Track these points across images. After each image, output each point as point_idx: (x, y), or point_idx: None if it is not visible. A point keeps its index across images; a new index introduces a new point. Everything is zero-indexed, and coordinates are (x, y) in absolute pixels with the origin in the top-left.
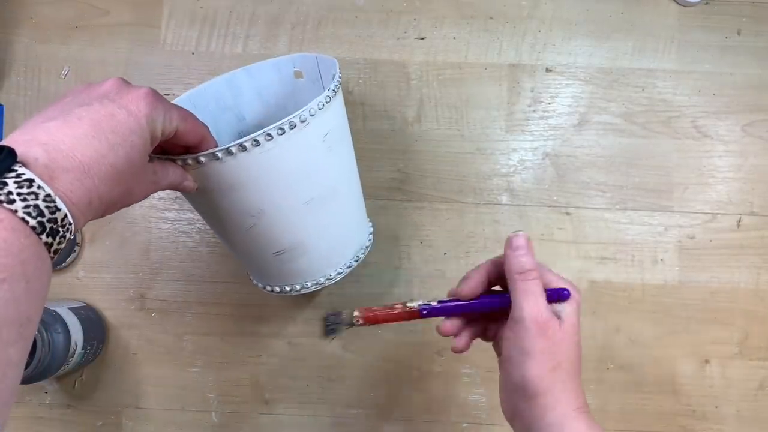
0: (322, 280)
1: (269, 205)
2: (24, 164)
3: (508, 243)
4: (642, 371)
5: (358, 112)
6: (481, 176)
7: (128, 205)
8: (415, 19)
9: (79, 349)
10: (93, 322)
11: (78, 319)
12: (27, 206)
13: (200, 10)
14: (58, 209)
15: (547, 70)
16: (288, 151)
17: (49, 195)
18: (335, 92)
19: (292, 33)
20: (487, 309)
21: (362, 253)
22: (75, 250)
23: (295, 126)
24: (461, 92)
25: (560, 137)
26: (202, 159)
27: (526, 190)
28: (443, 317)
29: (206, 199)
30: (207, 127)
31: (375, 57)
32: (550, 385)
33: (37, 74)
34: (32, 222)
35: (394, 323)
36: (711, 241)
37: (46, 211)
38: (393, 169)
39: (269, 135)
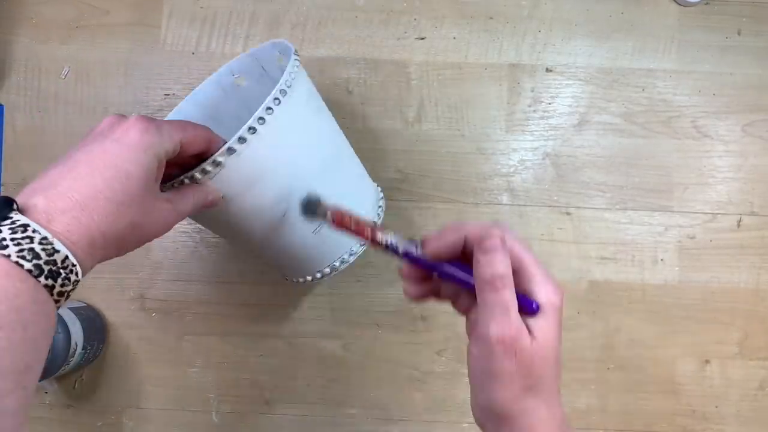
0: (346, 256)
1: (293, 178)
2: (24, 212)
3: (478, 246)
4: (642, 371)
5: (358, 112)
6: (482, 176)
7: (148, 240)
8: (415, 19)
9: (79, 349)
10: (93, 322)
11: (78, 319)
12: (21, 250)
13: (200, 10)
14: (57, 251)
15: (547, 70)
16: (287, 122)
17: (45, 238)
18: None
19: (292, 33)
20: (450, 280)
21: (380, 210)
22: None
23: (280, 101)
24: (461, 92)
25: (560, 137)
26: (219, 159)
27: (526, 190)
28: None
29: (230, 205)
30: (209, 128)
31: (375, 57)
32: (523, 408)
33: (37, 74)
34: (27, 265)
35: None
36: (711, 241)
37: (42, 254)
38: (393, 169)
39: (269, 108)
